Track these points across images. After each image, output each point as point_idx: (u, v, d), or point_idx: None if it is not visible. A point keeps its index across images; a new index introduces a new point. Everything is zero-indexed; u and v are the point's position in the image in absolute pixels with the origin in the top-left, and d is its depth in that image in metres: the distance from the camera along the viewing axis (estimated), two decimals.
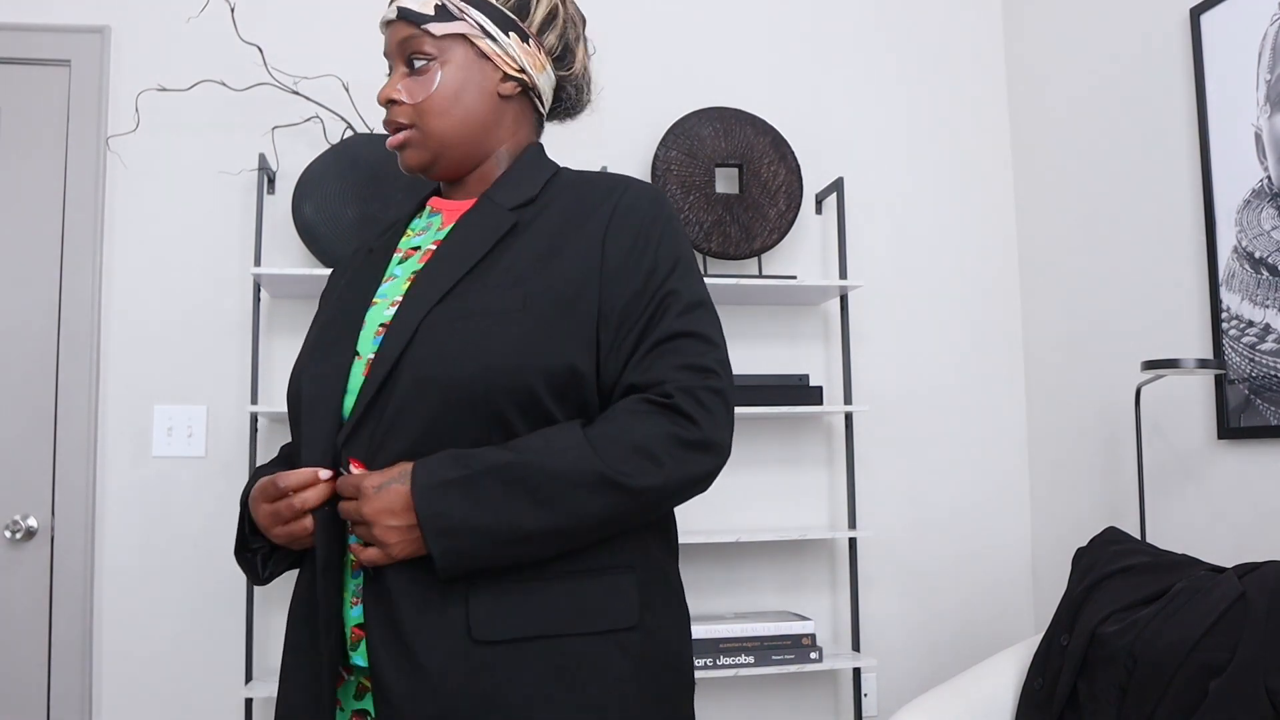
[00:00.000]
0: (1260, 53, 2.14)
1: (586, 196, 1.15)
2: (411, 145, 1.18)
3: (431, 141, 1.18)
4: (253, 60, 2.62)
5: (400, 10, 1.17)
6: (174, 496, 2.50)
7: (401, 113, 1.17)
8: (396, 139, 1.18)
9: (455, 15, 1.17)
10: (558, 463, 1.00)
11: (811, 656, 2.43)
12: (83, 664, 2.40)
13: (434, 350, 1.04)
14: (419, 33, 1.17)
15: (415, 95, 1.17)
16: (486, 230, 1.13)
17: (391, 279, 1.18)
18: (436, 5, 1.17)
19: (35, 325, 2.49)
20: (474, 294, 1.07)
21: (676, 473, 1.03)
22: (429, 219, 1.24)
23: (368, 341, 1.11)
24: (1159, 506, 2.39)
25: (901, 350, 2.87)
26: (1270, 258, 2.09)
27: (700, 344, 1.09)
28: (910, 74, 2.97)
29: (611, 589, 1.06)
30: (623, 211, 1.13)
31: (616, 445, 1.01)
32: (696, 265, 1.17)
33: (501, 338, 1.04)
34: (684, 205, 2.62)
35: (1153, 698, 1.69)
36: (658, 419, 1.03)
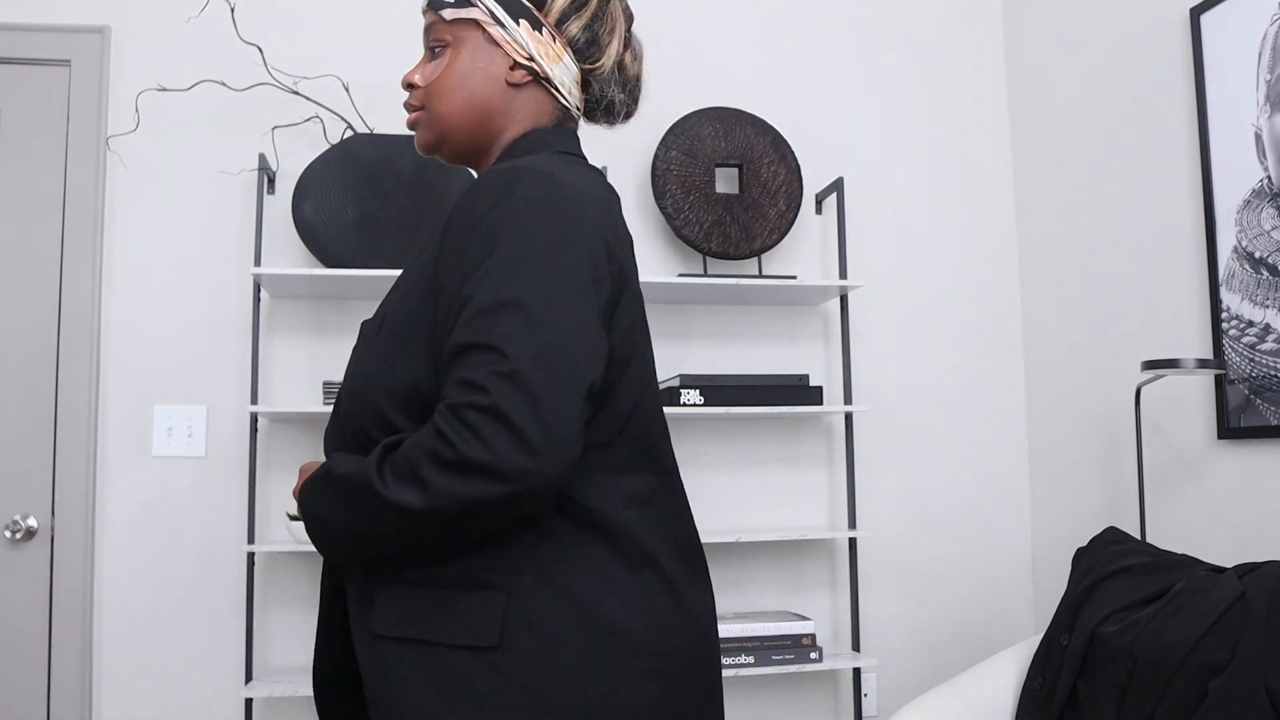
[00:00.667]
0: (1260, 53, 2.14)
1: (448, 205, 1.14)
2: (421, 125, 1.22)
3: (437, 123, 1.20)
4: (253, 60, 2.62)
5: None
6: (174, 496, 2.50)
7: (415, 95, 1.22)
8: (410, 119, 1.22)
9: (469, 2, 1.19)
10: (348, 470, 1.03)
11: (811, 656, 2.43)
12: (83, 664, 2.40)
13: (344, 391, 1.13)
14: (437, 19, 1.20)
15: (427, 78, 1.20)
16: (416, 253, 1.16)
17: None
18: None
19: (35, 325, 2.49)
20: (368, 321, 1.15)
21: (440, 496, 0.95)
22: None
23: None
24: (1159, 506, 2.39)
25: (901, 350, 2.87)
26: (1270, 258, 2.09)
27: (482, 355, 0.96)
28: (910, 74, 2.97)
29: (478, 604, 1.03)
30: (457, 212, 1.06)
31: (395, 462, 0.99)
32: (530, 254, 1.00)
33: (360, 361, 1.10)
34: (684, 205, 2.62)
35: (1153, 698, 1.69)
36: (422, 438, 0.97)
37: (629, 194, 2.76)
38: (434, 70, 1.20)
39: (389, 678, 1.04)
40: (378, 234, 2.41)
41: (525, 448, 0.93)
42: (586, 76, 1.24)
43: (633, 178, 2.77)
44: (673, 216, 2.61)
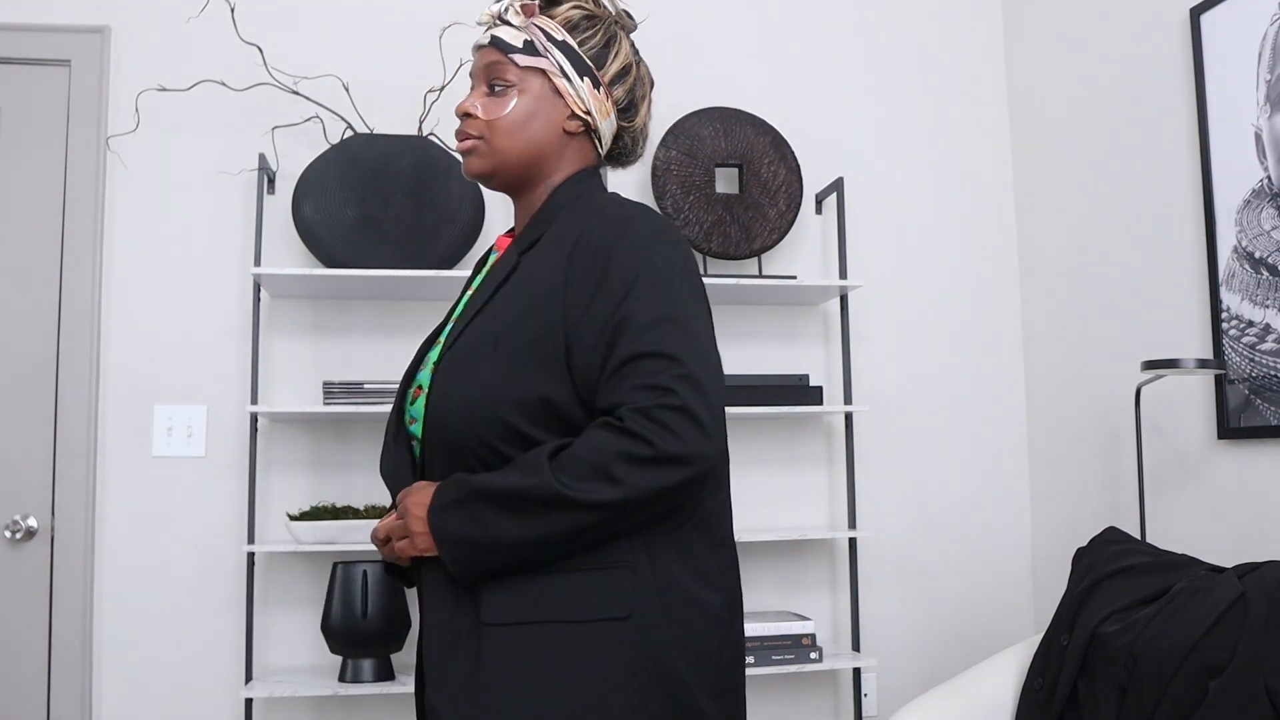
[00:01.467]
0: (1260, 53, 2.14)
1: (566, 229, 1.25)
2: (477, 154, 1.32)
3: (495, 156, 1.31)
4: (253, 60, 2.62)
5: (493, 38, 1.31)
6: (174, 496, 2.50)
7: (474, 125, 1.31)
8: (465, 145, 1.32)
9: (540, 52, 1.31)
10: (523, 484, 1.12)
11: (811, 656, 2.43)
12: (83, 664, 2.40)
13: (437, 393, 1.21)
14: (505, 60, 1.31)
15: (490, 113, 1.30)
16: (497, 275, 1.27)
17: (451, 319, 1.35)
18: (525, 40, 1.31)
19: (35, 325, 2.49)
20: (464, 339, 1.23)
21: (635, 487, 1.10)
22: (493, 255, 1.40)
23: (427, 377, 1.29)
24: (1159, 506, 2.39)
25: (901, 350, 2.87)
26: (1270, 258, 2.09)
27: (659, 362, 1.12)
28: (910, 74, 2.97)
29: (607, 583, 1.16)
30: (585, 239, 1.20)
31: (575, 466, 1.11)
32: (669, 280, 1.18)
33: (474, 378, 1.18)
34: (684, 205, 2.62)
35: (1153, 698, 1.69)
36: (611, 440, 1.11)
37: (629, 194, 2.76)
38: (499, 108, 1.30)
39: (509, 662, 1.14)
40: (378, 234, 2.41)
41: (706, 436, 1.11)
42: (621, 131, 1.40)
43: (633, 178, 2.77)
44: (673, 216, 2.61)
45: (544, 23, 1.32)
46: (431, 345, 1.34)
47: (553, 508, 1.11)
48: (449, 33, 2.71)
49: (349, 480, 2.56)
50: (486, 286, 1.27)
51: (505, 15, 1.33)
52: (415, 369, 1.33)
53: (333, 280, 2.39)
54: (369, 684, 2.28)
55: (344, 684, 2.28)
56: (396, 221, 2.42)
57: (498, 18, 1.33)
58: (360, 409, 2.32)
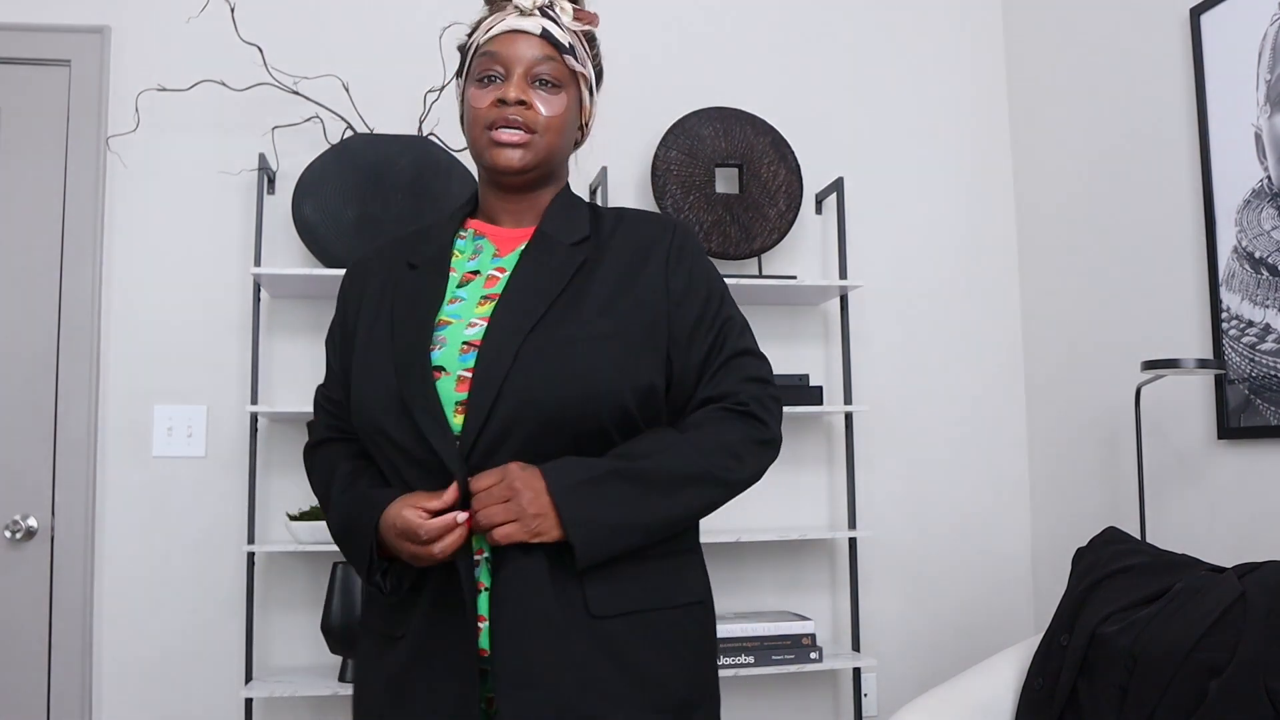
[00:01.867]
0: (1260, 53, 2.14)
1: (643, 235, 1.31)
2: (530, 148, 1.28)
3: (543, 153, 1.29)
4: (253, 60, 2.62)
5: (545, 30, 1.28)
6: (174, 496, 2.50)
7: (532, 119, 1.27)
8: (519, 137, 1.26)
9: (582, 59, 1.32)
10: (671, 464, 1.20)
11: (811, 656, 2.43)
12: (83, 664, 2.40)
13: (538, 374, 1.18)
14: (560, 60, 1.29)
15: (550, 109, 1.28)
16: (558, 264, 1.26)
17: (457, 300, 1.28)
18: (570, 43, 1.30)
19: (35, 325, 2.49)
20: (567, 323, 1.22)
21: (755, 466, 1.26)
22: (476, 242, 1.35)
23: (453, 358, 1.22)
24: (1159, 506, 2.39)
25: (901, 350, 2.87)
26: (1270, 258, 2.09)
27: (755, 360, 1.30)
28: (910, 74, 2.97)
29: (687, 567, 1.28)
30: (677, 250, 1.30)
31: (714, 446, 1.22)
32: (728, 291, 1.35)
33: (600, 362, 1.20)
34: (684, 205, 2.62)
35: (1153, 698, 1.69)
36: (738, 424, 1.25)
37: (629, 194, 2.76)
38: (555, 107, 1.28)
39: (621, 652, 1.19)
40: (378, 234, 2.41)
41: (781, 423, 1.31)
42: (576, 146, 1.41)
43: (633, 178, 2.77)
44: (672, 216, 2.61)
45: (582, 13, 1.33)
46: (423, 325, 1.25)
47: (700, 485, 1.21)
48: (449, 33, 2.71)
49: None
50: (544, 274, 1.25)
51: (554, 11, 1.30)
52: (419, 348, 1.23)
53: (333, 280, 2.39)
54: None
55: (344, 684, 2.28)
56: (396, 221, 2.42)
57: (543, 9, 1.29)
58: None
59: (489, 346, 1.20)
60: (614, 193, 2.74)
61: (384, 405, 1.22)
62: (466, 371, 1.21)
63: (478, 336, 1.23)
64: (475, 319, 1.25)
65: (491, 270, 1.30)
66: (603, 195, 2.53)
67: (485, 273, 1.30)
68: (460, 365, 1.22)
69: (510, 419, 1.17)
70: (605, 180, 2.54)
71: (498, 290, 1.27)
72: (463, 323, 1.25)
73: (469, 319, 1.25)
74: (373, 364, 1.26)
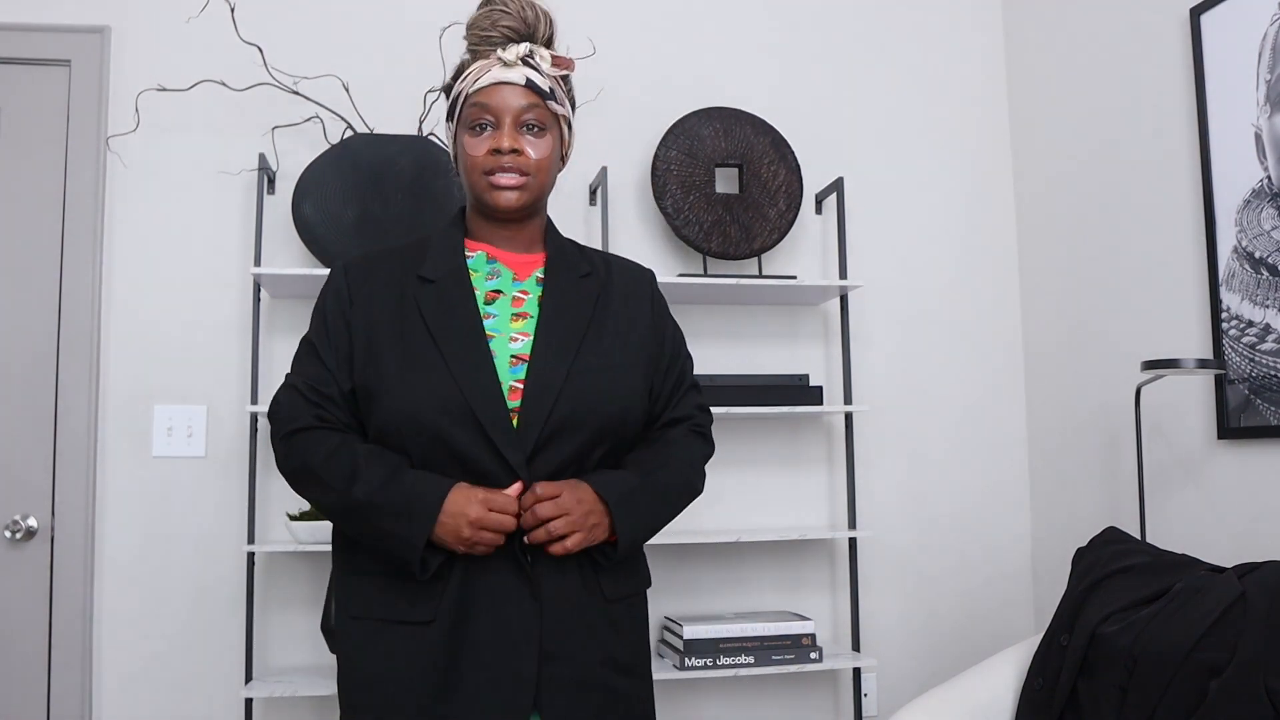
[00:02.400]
0: (1260, 53, 2.14)
1: (633, 281, 1.59)
2: (526, 189, 1.46)
3: (536, 191, 1.48)
4: (253, 60, 2.62)
5: (530, 81, 1.45)
6: (174, 496, 2.50)
7: (526, 164, 1.46)
8: (515, 180, 1.45)
9: (561, 100, 1.49)
10: (671, 478, 1.50)
11: (811, 656, 2.43)
12: (83, 664, 2.40)
13: (585, 392, 1.42)
14: (543, 105, 1.46)
15: (538, 153, 1.47)
16: (582, 296, 1.51)
17: (490, 316, 1.46)
18: (550, 88, 1.47)
19: (35, 325, 2.49)
20: (599, 350, 1.47)
21: (704, 479, 1.59)
22: (491, 266, 1.52)
23: (504, 370, 1.42)
24: (1159, 506, 2.39)
25: (901, 350, 2.87)
26: (1270, 258, 2.09)
27: (697, 392, 1.65)
28: (910, 74, 2.97)
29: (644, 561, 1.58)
30: (659, 300, 1.62)
31: (689, 461, 1.54)
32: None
33: (627, 385, 1.48)
34: (684, 205, 2.62)
35: (1153, 698, 1.69)
36: (699, 445, 1.59)
37: (629, 194, 2.76)
38: (543, 149, 1.47)
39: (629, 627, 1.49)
40: (378, 234, 2.41)
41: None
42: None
43: (633, 178, 2.77)
44: (673, 216, 2.61)
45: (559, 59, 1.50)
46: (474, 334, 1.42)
47: (685, 495, 1.53)
48: (449, 33, 2.71)
49: None
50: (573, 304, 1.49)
51: (534, 60, 1.46)
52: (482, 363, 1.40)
53: None
54: None
55: None
56: (396, 221, 2.42)
57: (524, 59, 1.45)
58: None
59: (539, 363, 1.42)
60: (614, 193, 2.74)
61: (439, 408, 1.36)
62: (517, 382, 1.41)
63: (523, 351, 1.44)
64: (516, 334, 1.45)
65: (515, 292, 1.49)
66: (603, 195, 2.53)
67: (509, 294, 1.49)
68: (511, 376, 1.42)
69: (561, 424, 1.40)
70: (605, 180, 2.54)
71: (526, 310, 1.48)
72: (504, 337, 1.44)
73: (509, 333, 1.45)
74: (421, 372, 1.38)
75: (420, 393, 1.37)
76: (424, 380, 1.37)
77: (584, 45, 2.80)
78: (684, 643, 2.38)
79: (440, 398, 1.36)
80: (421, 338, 1.40)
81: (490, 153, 1.44)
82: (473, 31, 1.49)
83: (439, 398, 1.36)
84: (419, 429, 1.37)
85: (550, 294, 1.48)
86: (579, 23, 2.80)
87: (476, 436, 1.36)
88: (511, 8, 1.47)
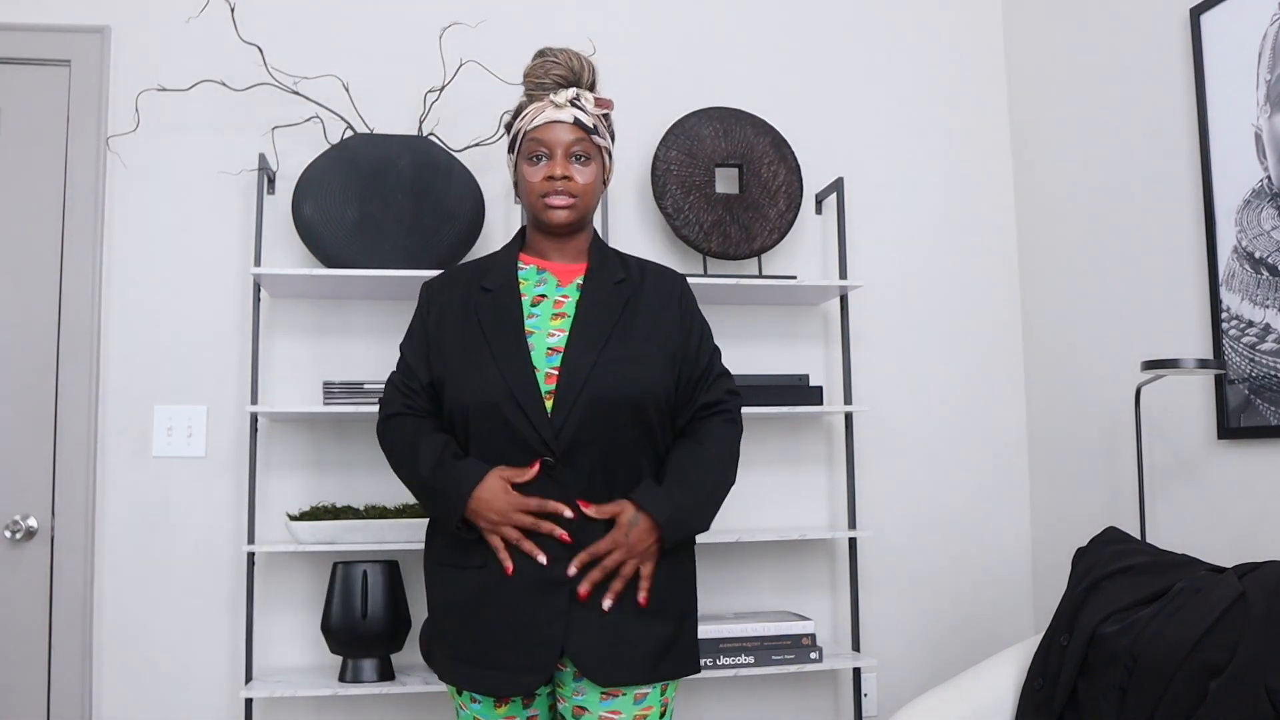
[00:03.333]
0: (1260, 53, 2.14)
1: (663, 283, 1.85)
2: (574, 209, 1.78)
3: (583, 211, 1.80)
4: (253, 60, 2.62)
5: (577, 120, 1.76)
6: (174, 496, 2.50)
7: (575, 188, 1.77)
8: (565, 201, 1.77)
9: (603, 134, 1.81)
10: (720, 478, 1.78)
11: (811, 656, 2.43)
12: (83, 664, 2.41)
13: (610, 377, 1.69)
14: (588, 139, 1.78)
15: (585, 179, 1.78)
16: (612, 299, 1.78)
17: (534, 316, 1.77)
18: (594, 124, 1.78)
19: (35, 325, 2.49)
20: (626, 344, 1.74)
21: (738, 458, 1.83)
22: (540, 275, 1.83)
23: (541, 359, 1.71)
24: (1159, 506, 2.39)
25: (901, 350, 2.87)
26: (1270, 258, 2.09)
27: (728, 377, 1.87)
28: (910, 74, 2.97)
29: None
30: (688, 300, 1.86)
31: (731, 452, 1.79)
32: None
33: (650, 372, 1.73)
34: (684, 205, 2.62)
35: (1153, 698, 1.69)
36: (735, 431, 1.83)
37: (629, 194, 2.76)
38: (588, 176, 1.78)
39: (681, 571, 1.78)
40: (378, 234, 2.41)
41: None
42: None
43: (633, 178, 2.77)
44: (673, 216, 2.61)
45: (601, 100, 1.80)
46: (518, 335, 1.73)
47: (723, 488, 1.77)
48: (449, 33, 2.71)
49: (349, 480, 2.56)
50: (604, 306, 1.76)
51: (580, 102, 1.76)
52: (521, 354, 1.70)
53: (333, 280, 2.39)
54: (369, 684, 2.28)
55: (344, 684, 2.28)
56: (396, 221, 2.42)
57: (572, 101, 1.76)
58: (360, 409, 2.32)
59: (573, 354, 1.70)
60: (614, 193, 2.74)
61: (488, 392, 1.69)
62: (553, 370, 1.70)
63: (559, 344, 1.73)
64: (554, 330, 1.75)
65: (557, 296, 1.80)
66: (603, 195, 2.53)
67: (552, 297, 1.79)
68: (547, 365, 1.71)
69: (589, 405, 1.67)
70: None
71: (565, 311, 1.77)
72: (543, 333, 1.74)
73: (548, 329, 1.75)
74: (475, 362, 1.72)
75: (474, 382, 1.70)
76: (477, 372, 1.70)
77: (584, 45, 2.80)
78: None
79: (488, 385, 1.69)
80: (477, 338, 1.74)
81: (545, 179, 1.76)
82: (529, 79, 1.79)
83: (488, 385, 1.69)
84: (476, 408, 1.70)
85: (585, 297, 1.77)
86: (579, 23, 2.81)
87: (518, 413, 1.67)
88: (561, 59, 1.78)
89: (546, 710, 1.76)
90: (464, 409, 1.72)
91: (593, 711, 1.67)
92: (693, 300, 1.87)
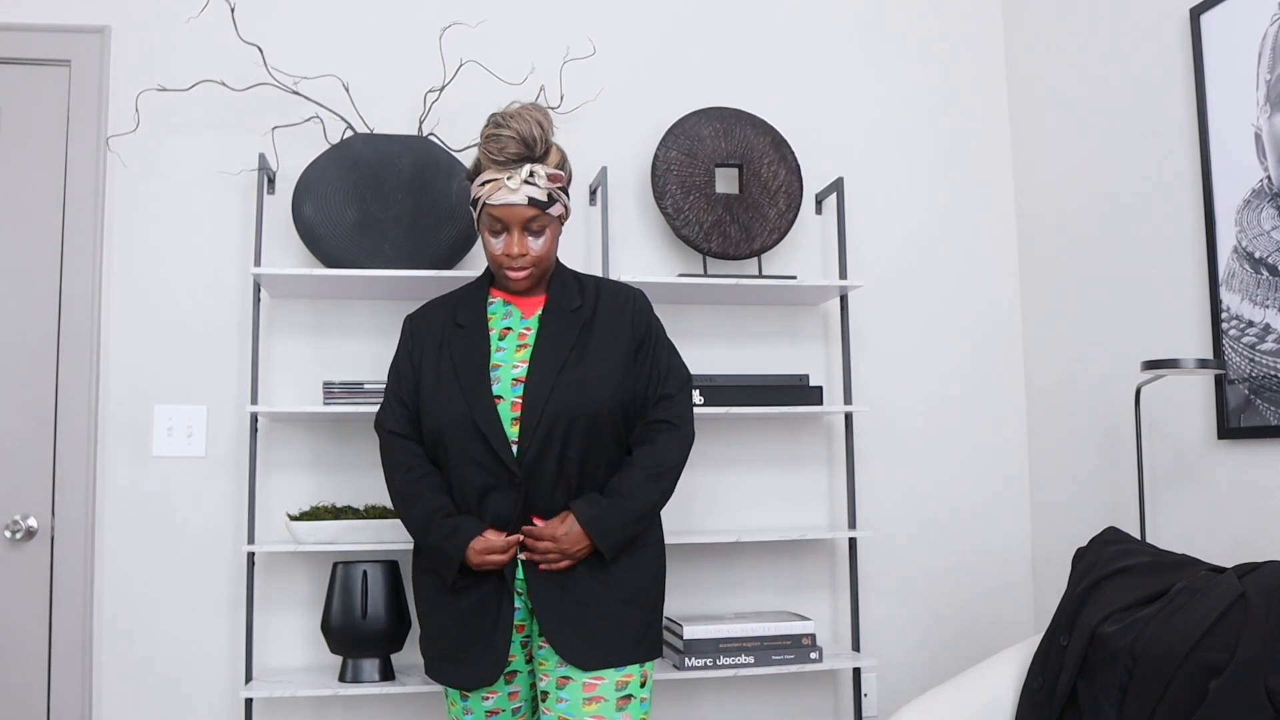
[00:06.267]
0: (1260, 53, 2.14)
1: (615, 303, 1.99)
2: (531, 275, 1.93)
3: (541, 275, 1.96)
4: (253, 60, 2.62)
5: (531, 199, 1.87)
6: (174, 496, 2.50)
7: (529, 261, 1.92)
8: (524, 274, 1.92)
9: (557, 201, 1.93)
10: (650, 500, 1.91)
11: (811, 656, 2.43)
12: (83, 664, 2.41)
13: (568, 399, 1.86)
14: (542, 215, 1.90)
15: (539, 249, 1.93)
16: (568, 326, 1.94)
17: (501, 349, 1.94)
18: (549, 194, 1.90)
19: (35, 325, 2.49)
20: (583, 365, 1.90)
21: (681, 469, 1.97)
22: (506, 308, 2.00)
23: (507, 389, 1.89)
24: (1159, 506, 2.39)
25: (901, 350, 2.87)
26: (1270, 258, 2.09)
27: (680, 382, 2.01)
28: (910, 74, 2.97)
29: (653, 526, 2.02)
30: (639, 317, 2.00)
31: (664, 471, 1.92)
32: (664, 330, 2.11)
33: (608, 388, 1.90)
34: (684, 205, 2.62)
35: (1153, 698, 1.69)
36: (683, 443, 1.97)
37: (629, 194, 2.76)
38: (544, 247, 1.93)
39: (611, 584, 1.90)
40: (378, 234, 2.41)
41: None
42: None
43: (633, 178, 2.77)
44: (673, 216, 2.61)
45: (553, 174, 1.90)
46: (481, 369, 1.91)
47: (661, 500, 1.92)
48: (449, 33, 2.71)
49: (349, 480, 2.56)
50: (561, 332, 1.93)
51: (534, 180, 1.87)
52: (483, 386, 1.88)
53: (333, 280, 2.39)
54: (369, 684, 2.28)
55: (344, 684, 2.28)
56: (396, 221, 2.42)
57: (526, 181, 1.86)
58: (360, 409, 2.32)
59: (533, 382, 1.87)
60: (614, 193, 2.74)
61: (457, 423, 1.87)
62: (518, 399, 1.88)
63: (523, 374, 1.90)
64: (517, 362, 1.92)
65: (521, 328, 1.96)
66: (602, 195, 2.53)
67: (517, 329, 1.96)
68: (513, 394, 1.88)
69: (550, 426, 1.86)
70: (605, 180, 2.54)
71: (529, 342, 1.94)
72: (509, 365, 1.91)
73: (513, 362, 1.92)
74: (445, 394, 1.90)
75: (447, 413, 1.88)
76: (443, 404, 1.89)
77: (584, 45, 2.80)
78: (684, 643, 2.38)
79: (456, 415, 1.88)
80: (448, 370, 1.92)
81: (504, 254, 1.91)
82: (485, 148, 1.88)
83: (455, 416, 1.88)
84: (447, 436, 1.89)
85: (544, 328, 1.94)
86: (579, 23, 2.81)
87: (482, 443, 1.87)
88: (515, 130, 1.86)
89: (527, 687, 1.97)
90: (437, 434, 1.91)
91: (576, 680, 1.84)
92: (645, 313, 2.00)
